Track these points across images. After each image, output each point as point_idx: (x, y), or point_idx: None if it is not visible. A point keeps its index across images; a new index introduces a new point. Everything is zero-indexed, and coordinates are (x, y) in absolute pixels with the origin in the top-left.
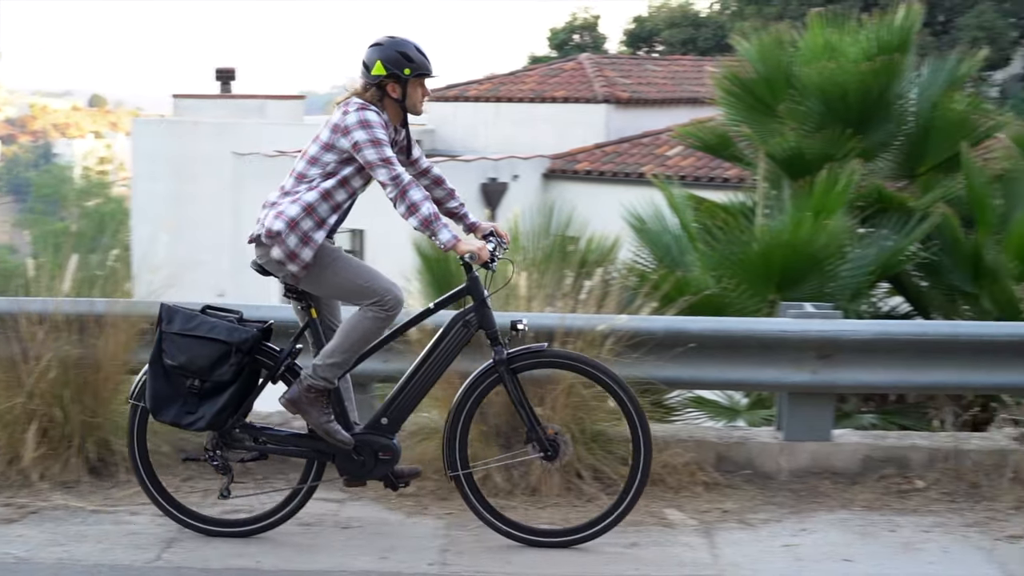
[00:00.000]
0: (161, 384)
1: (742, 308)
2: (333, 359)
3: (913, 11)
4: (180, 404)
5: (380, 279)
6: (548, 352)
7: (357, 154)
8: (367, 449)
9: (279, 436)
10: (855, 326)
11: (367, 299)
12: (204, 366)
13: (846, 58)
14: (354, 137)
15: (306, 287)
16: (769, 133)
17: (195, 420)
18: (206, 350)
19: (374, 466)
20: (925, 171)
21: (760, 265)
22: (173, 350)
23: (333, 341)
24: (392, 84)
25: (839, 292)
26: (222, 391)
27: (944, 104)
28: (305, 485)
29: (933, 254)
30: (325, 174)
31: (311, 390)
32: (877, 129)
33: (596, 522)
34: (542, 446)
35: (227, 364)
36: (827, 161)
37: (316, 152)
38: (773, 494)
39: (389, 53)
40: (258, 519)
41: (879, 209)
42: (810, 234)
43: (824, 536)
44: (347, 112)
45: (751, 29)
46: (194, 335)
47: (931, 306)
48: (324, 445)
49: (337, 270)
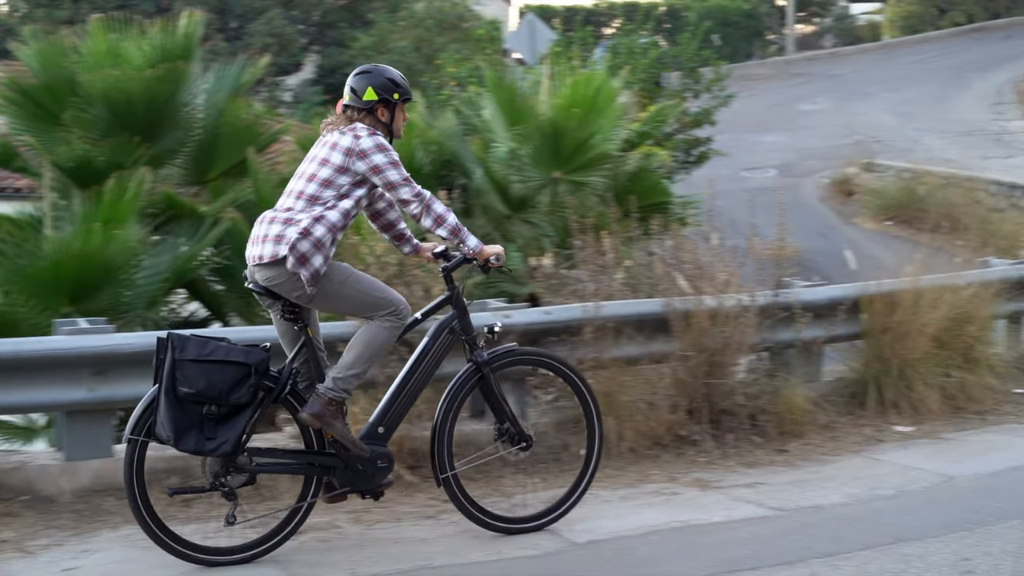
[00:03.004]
0: (177, 413)
1: (35, 324)
2: (354, 370)
3: (194, 19)
4: (197, 431)
5: (390, 290)
6: (519, 351)
7: (377, 175)
8: (368, 458)
9: (281, 455)
10: (127, 339)
11: (382, 310)
12: (223, 390)
13: (131, 65)
14: (374, 160)
15: (318, 304)
16: (55, 142)
17: (218, 445)
18: (226, 374)
19: (374, 475)
20: (215, 176)
21: (51, 278)
22: (189, 377)
23: (350, 354)
24: (382, 108)
25: (136, 301)
26: (239, 413)
27: (231, 110)
28: (305, 502)
29: (226, 258)
30: (339, 195)
31: (332, 403)
32: (166, 136)
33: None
34: (522, 437)
35: (246, 386)
36: (116, 169)
37: (329, 175)
38: (55, 517)
39: (379, 80)
40: (262, 541)
41: (171, 216)
42: (101, 244)
43: (107, 555)
44: (359, 137)
45: (33, 34)
46: (212, 360)
47: (228, 309)
48: (325, 460)
49: (353, 285)
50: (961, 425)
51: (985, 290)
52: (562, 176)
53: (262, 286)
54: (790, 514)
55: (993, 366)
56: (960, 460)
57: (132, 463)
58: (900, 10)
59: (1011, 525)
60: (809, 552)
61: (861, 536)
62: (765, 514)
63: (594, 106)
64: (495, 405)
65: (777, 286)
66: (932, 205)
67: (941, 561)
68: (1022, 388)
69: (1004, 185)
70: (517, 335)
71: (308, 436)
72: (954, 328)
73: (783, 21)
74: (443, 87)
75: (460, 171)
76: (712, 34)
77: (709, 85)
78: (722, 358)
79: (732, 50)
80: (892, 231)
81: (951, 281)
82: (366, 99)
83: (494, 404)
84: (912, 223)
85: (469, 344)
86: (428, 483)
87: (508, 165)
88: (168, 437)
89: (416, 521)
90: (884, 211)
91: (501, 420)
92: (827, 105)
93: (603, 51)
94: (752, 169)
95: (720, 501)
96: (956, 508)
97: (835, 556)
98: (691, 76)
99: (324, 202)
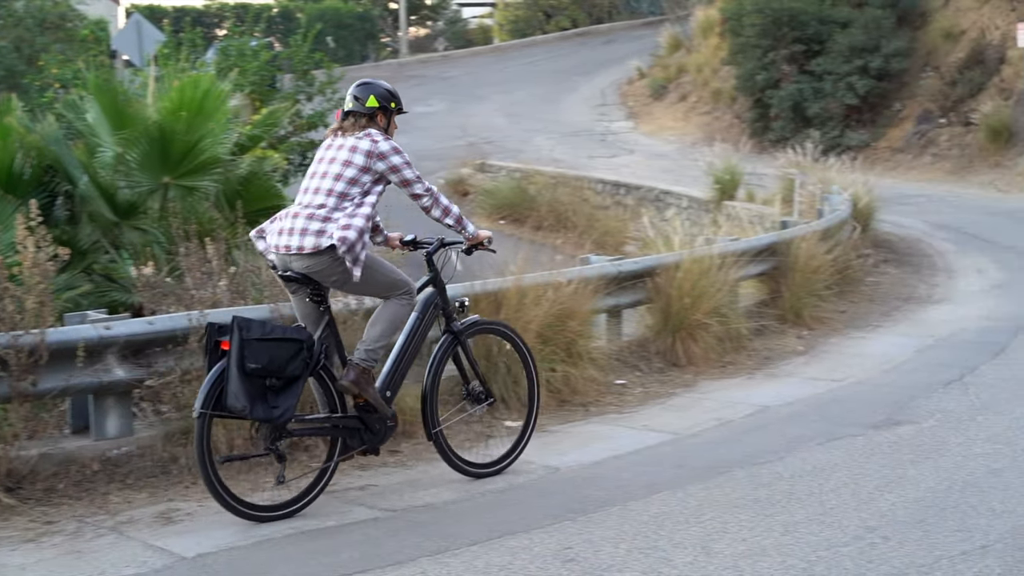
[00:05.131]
0: (247, 386)
1: None
2: (381, 342)
3: None
4: (263, 401)
5: (403, 274)
6: (482, 321)
7: (395, 174)
8: (387, 418)
9: (317, 420)
10: None
11: (398, 290)
12: (282, 364)
13: None
14: (392, 161)
15: (351, 287)
16: None
17: (281, 413)
18: (283, 350)
19: (385, 433)
20: None
21: None
22: (255, 354)
23: (376, 329)
24: (381, 115)
25: None
26: (294, 384)
27: None
28: (333, 462)
29: None
30: (364, 192)
31: (365, 372)
32: None
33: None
34: (489, 394)
35: (299, 360)
36: None
37: (354, 174)
38: None
39: (379, 90)
40: (298, 499)
41: None
42: None
43: None
44: (376, 141)
45: None
46: (272, 338)
47: None
48: (349, 422)
49: (379, 269)
50: (566, 417)
51: (585, 286)
52: (172, 181)
53: (300, 273)
54: (401, 514)
55: (595, 359)
56: (565, 452)
57: (202, 435)
58: (509, 14)
59: (610, 512)
60: (419, 551)
61: (470, 532)
62: (376, 515)
63: (203, 109)
64: (464, 368)
65: None
66: (542, 204)
67: (546, 551)
68: (623, 379)
69: (609, 184)
70: (120, 346)
71: (333, 402)
72: (556, 324)
73: (396, 24)
74: (47, 89)
75: (64, 177)
76: (326, 36)
77: (322, 88)
78: None
79: (347, 53)
80: (505, 230)
81: (553, 278)
82: (368, 106)
83: (463, 367)
84: (524, 221)
85: (447, 317)
86: (27, 505)
87: (115, 171)
88: (244, 407)
89: (15, 546)
90: (497, 210)
91: (467, 381)
92: (441, 107)
93: (214, 53)
94: None
95: (333, 506)
96: (561, 499)
97: (444, 553)
98: (304, 79)
99: (352, 198)
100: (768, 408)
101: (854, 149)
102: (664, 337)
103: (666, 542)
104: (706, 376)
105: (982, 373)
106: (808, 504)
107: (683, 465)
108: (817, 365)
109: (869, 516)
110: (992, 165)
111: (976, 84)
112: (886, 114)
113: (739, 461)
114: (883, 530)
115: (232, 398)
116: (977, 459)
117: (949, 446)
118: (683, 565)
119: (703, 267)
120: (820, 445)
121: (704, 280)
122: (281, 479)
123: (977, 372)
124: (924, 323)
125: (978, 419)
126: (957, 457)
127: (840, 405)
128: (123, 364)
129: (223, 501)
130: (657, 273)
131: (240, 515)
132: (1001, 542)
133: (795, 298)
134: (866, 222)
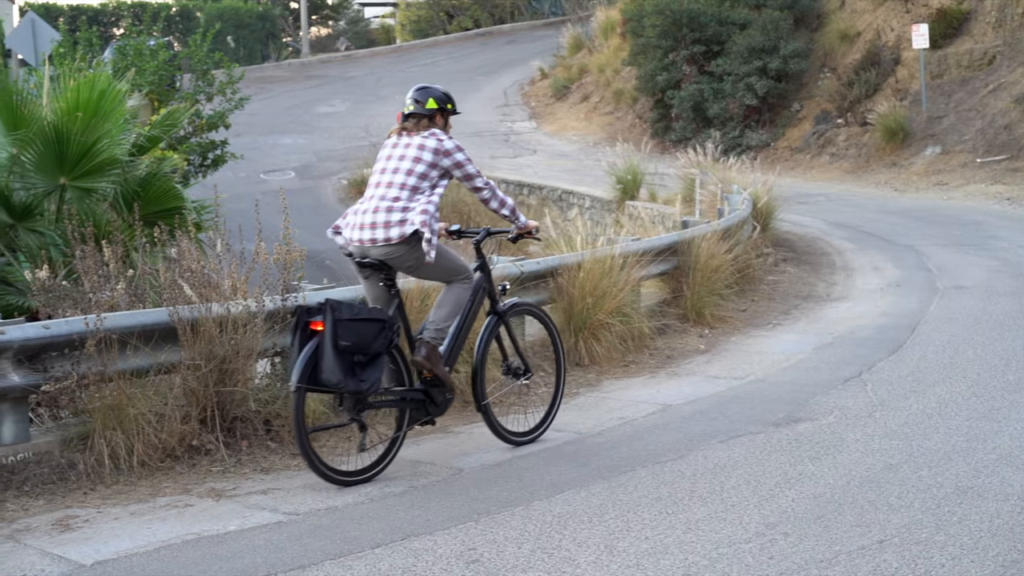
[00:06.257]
0: (341, 362)
1: None
2: (448, 322)
3: None
4: (352, 376)
5: (462, 259)
6: (521, 303)
7: (458, 170)
8: (450, 390)
9: (391, 393)
10: None
11: (460, 275)
12: (369, 341)
13: None
14: (456, 157)
15: (423, 272)
16: None
17: (369, 385)
18: (369, 329)
19: (445, 405)
20: None
21: None
22: (346, 333)
23: (443, 310)
24: (439, 116)
25: None
26: (377, 359)
27: None
28: (402, 432)
29: None
30: (432, 186)
31: (434, 349)
32: None
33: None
34: (527, 368)
35: (382, 337)
36: None
37: (424, 170)
38: None
39: (436, 93)
40: (373, 465)
41: None
42: None
43: None
44: (441, 140)
45: None
46: (361, 319)
47: None
48: (415, 395)
49: (446, 255)
50: (470, 418)
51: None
52: (69, 183)
53: (378, 260)
54: (304, 517)
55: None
56: (469, 452)
57: (298, 408)
58: (411, 14)
59: (514, 513)
60: (322, 555)
61: (373, 535)
62: (279, 519)
63: (100, 110)
64: (504, 345)
65: (285, 290)
66: (444, 204)
67: (449, 553)
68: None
69: (512, 184)
70: (15, 351)
71: (401, 377)
72: None
73: (298, 24)
74: None
75: None
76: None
77: (223, 88)
78: (233, 365)
79: (248, 52)
80: None
81: None
82: (428, 108)
83: (503, 345)
84: None
85: (492, 299)
86: None
87: (10, 172)
88: (339, 381)
89: None
90: None
91: (507, 357)
92: (343, 107)
93: (111, 53)
94: (271, 172)
95: (235, 510)
96: (465, 500)
97: (347, 556)
98: (204, 79)
99: (422, 191)
100: (670, 407)
101: (754, 149)
102: (566, 337)
103: (570, 542)
104: (609, 375)
105: (880, 370)
106: (710, 502)
107: (586, 464)
108: (718, 364)
109: (770, 513)
110: (888, 164)
111: (872, 85)
112: (785, 114)
113: (642, 460)
114: (783, 526)
115: (327, 373)
116: (875, 455)
117: (847, 443)
118: (586, 564)
119: (605, 267)
120: (721, 443)
121: (606, 280)
122: (363, 446)
123: (875, 369)
124: (823, 321)
125: (876, 415)
126: (855, 453)
127: (741, 403)
128: (18, 369)
129: (315, 468)
130: (559, 273)
131: (330, 480)
132: (898, 536)
133: (696, 297)
134: (766, 221)
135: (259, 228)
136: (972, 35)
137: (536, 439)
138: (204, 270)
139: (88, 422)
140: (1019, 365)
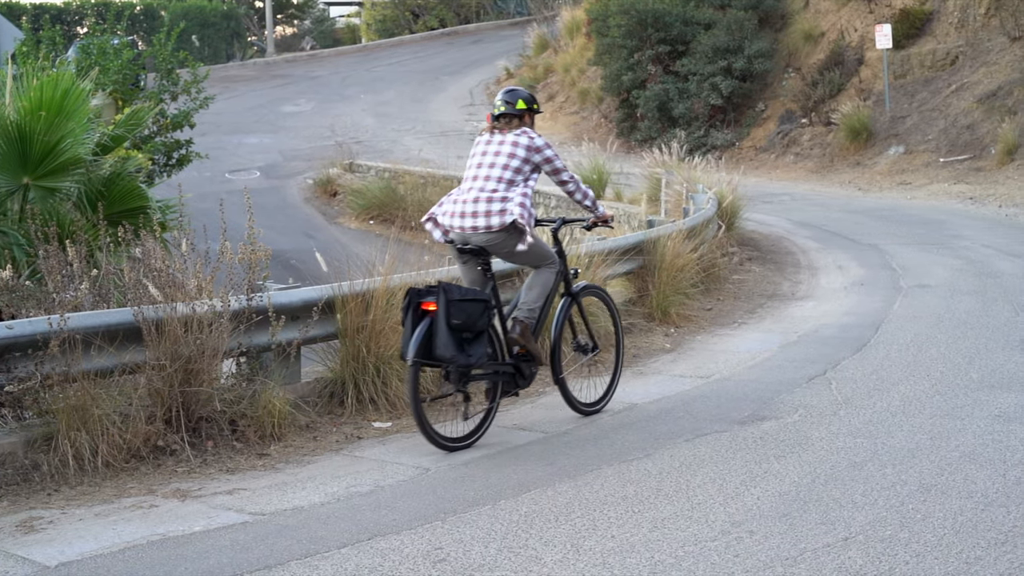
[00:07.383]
0: (452, 340)
1: None
2: (540, 302)
3: None
4: (461, 351)
5: (549, 246)
6: (589, 285)
7: (548, 165)
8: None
9: (490, 366)
10: None
11: (548, 260)
12: (475, 320)
13: None
14: (546, 153)
15: (518, 258)
16: None
17: (476, 359)
18: (476, 308)
19: (532, 377)
20: None
21: None
22: (457, 312)
23: (533, 292)
24: (527, 115)
25: None
26: (481, 336)
27: None
28: (495, 403)
29: None
30: (524, 179)
31: (527, 327)
32: None
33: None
34: (595, 344)
35: (486, 315)
36: None
37: (519, 165)
38: None
39: (524, 94)
40: (473, 432)
41: None
42: None
43: None
44: (532, 138)
45: None
46: (468, 299)
47: None
48: (506, 368)
49: (537, 241)
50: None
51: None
52: (32, 182)
53: (479, 246)
54: (270, 518)
55: None
56: (435, 452)
57: (413, 380)
58: (376, 14)
59: (480, 512)
60: (288, 555)
61: (339, 535)
62: (245, 520)
63: (63, 109)
64: (574, 323)
65: (250, 290)
66: (411, 203)
67: (416, 552)
68: None
69: None
70: None
71: (494, 352)
72: None
73: (262, 23)
74: None
75: None
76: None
77: (187, 87)
78: (198, 365)
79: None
80: (374, 230)
81: (421, 278)
82: (518, 108)
83: (573, 323)
84: (393, 221)
85: (566, 283)
86: None
87: None
88: (452, 356)
89: None
90: (367, 211)
91: (576, 334)
92: (309, 107)
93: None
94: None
95: (200, 510)
96: (431, 499)
97: (313, 556)
98: (168, 78)
99: (516, 184)
100: (636, 406)
101: (719, 149)
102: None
103: (536, 540)
104: (575, 375)
105: (844, 368)
106: (676, 500)
107: (552, 464)
108: (684, 362)
109: (735, 511)
110: (852, 164)
111: (836, 85)
112: (750, 114)
113: (608, 459)
114: (749, 524)
115: (442, 348)
116: (839, 453)
117: (812, 440)
118: (553, 563)
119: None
120: (687, 441)
121: None
122: (466, 415)
123: (839, 367)
124: (788, 319)
125: (840, 413)
126: (820, 451)
127: (706, 401)
128: None
129: (427, 434)
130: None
131: (438, 446)
132: (863, 533)
133: (662, 296)
134: (731, 221)
135: (224, 228)
136: (935, 35)
137: (601, 410)
138: (169, 270)
139: (52, 423)
140: (982, 363)
